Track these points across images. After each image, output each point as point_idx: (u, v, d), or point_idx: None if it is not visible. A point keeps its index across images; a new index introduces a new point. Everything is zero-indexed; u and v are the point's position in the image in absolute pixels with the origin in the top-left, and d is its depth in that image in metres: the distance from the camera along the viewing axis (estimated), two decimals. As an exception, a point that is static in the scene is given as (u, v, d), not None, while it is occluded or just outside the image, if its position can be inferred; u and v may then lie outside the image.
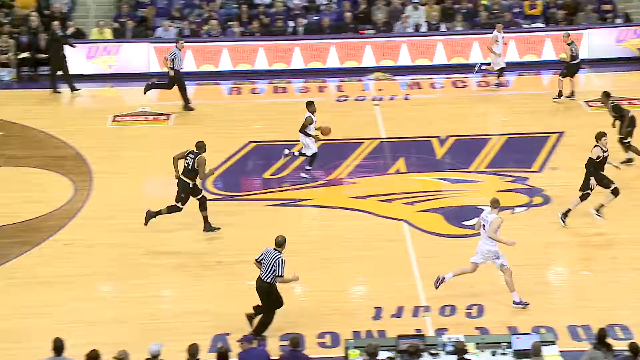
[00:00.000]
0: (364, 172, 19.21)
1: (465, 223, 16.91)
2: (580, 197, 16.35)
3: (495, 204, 14.04)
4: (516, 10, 26.53)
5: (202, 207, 16.55)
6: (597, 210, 16.38)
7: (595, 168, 16.17)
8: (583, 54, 25.00)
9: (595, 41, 25.25)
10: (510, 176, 18.56)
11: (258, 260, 13.29)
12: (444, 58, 25.65)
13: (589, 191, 16.27)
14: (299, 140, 18.46)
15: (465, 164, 19.27)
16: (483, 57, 25.25)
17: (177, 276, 15.55)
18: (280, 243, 13.21)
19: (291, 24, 26.76)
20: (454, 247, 16.21)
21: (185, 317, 14.08)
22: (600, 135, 16.15)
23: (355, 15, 26.79)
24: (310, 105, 18.54)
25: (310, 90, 24.07)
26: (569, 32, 23.32)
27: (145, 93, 22.64)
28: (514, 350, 11.85)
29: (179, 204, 16.41)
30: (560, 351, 12.00)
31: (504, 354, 11.87)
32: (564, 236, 16.23)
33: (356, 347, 11.93)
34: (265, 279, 13.16)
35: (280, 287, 13.31)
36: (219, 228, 16.60)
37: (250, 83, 24.95)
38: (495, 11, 26.42)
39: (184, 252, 16.21)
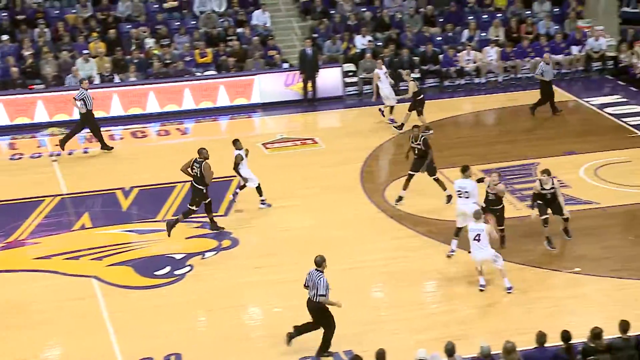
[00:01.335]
0: (47, 231, 18.41)
1: (156, 273, 16.73)
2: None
3: (478, 214, 15.46)
4: (188, 59, 26.93)
5: (209, 210, 17.97)
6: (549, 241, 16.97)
7: (536, 199, 16.82)
8: (255, 99, 26.05)
9: (265, 86, 26.23)
10: (198, 222, 18.65)
11: (306, 285, 13.61)
12: (121, 109, 25.40)
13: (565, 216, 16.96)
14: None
15: (152, 214, 19.11)
16: (160, 106, 25.33)
17: None
18: (319, 263, 13.48)
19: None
20: (147, 298, 15.98)
21: None
22: (542, 172, 16.77)
23: (23, 70, 25.80)
24: (236, 142, 18.70)
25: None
26: (407, 70, 24.50)
27: (63, 149, 22.40)
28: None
29: (194, 207, 17.81)
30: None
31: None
32: (254, 276, 16.55)
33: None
34: (314, 299, 13.49)
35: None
36: (223, 228, 17.95)
37: None
38: (167, 61, 26.64)
39: None
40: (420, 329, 14.59)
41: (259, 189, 19.05)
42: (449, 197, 18.72)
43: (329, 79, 26.47)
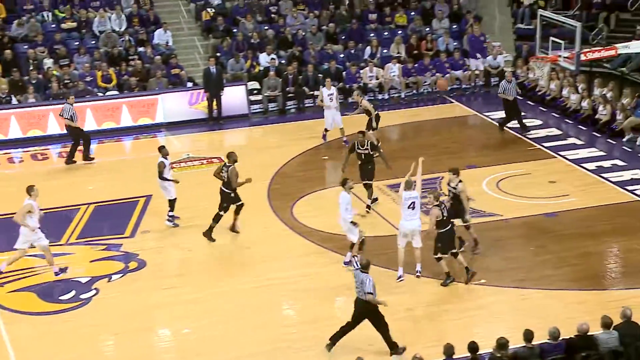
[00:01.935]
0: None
1: (61, 298, 16.38)
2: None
3: (409, 183, 15.94)
4: (88, 79, 26.48)
5: (238, 211, 18.40)
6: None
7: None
8: (159, 119, 25.82)
9: (169, 105, 26.02)
10: (103, 244, 18.34)
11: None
12: (19, 132, 24.79)
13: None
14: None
15: (56, 237, 18.67)
16: (60, 128, 24.85)
17: None
18: (365, 266, 14.00)
19: None
20: (52, 323, 15.62)
21: None
22: (450, 170, 17.18)
23: None
24: (162, 149, 18.75)
25: None
26: (358, 90, 24.24)
27: (67, 163, 22.88)
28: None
29: (222, 212, 18.14)
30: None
31: None
32: (162, 297, 16.35)
33: None
34: (363, 298, 13.94)
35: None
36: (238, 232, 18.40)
37: None
38: (66, 81, 26.18)
39: None
40: (331, 345, 14.64)
41: (172, 202, 18.88)
42: (369, 207, 19.26)
43: (234, 97, 26.43)
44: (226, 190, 18.17)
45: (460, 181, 17.12)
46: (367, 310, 13.97)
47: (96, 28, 28.28)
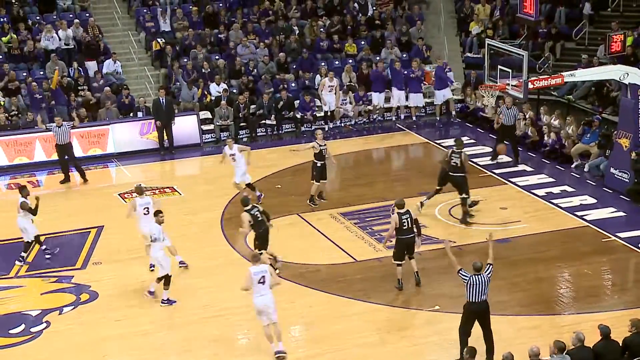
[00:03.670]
0: None
1: (12, 331, 16.08)
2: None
3: (256, 256, 15.21)
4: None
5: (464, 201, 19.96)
6: None
7: None
8: (110, 149, 25.60)
9: (120, 135, 25.83)
10: (54, 276, 18.06)
11: (477, 300, 14.44)
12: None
13: None
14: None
15: (5, 270, 18.39)
16: (9, 159, 24.51)
17: None
18: (480, 267, 14.45)
19: None
20: (2, 358, 15.29)
21: None
22: None
23: None
24: (22, 190, 18.60)
25: None
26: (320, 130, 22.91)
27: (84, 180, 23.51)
28: None
29: (466, 195, 19.83)
30: None
31: None
32: (115, 329, 16.16)
33: None
34: (486, 299, 14.41)
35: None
36: (471, 215, 20.16)
37: None
38: (13, 112, 25.85)
39: None
40: (287, 375, 14.57)
41: (28, 245, 18.69)
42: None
43: (186, 126, 26.34)
44: (457, 176, 19.57)
45: None
46: (488, 308, 14.46)
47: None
